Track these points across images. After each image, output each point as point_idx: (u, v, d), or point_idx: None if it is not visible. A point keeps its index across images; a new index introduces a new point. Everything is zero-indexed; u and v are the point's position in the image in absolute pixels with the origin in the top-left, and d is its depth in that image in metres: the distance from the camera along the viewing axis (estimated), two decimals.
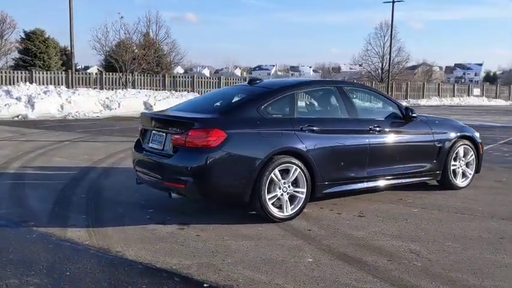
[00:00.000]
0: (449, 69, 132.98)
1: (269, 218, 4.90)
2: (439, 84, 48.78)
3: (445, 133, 6.41)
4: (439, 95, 45.75)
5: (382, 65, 46.18)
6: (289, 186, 4.99)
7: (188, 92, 28.79)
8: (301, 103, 5.40)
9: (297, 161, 4.99)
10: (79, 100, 20.56)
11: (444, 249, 4.21)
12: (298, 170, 5.00)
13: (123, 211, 5.39)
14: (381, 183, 5.81)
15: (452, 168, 6.45)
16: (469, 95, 47.52)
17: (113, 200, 5.93)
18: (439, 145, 6.28)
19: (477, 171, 6.79)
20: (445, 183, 6.45)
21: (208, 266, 3.77)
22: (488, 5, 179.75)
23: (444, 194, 6.32)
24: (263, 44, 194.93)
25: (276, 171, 4.87)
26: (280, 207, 4.96)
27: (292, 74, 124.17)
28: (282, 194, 4.95)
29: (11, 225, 4.86)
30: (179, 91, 30.74)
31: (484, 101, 45.85)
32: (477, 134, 6.84)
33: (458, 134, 6.52)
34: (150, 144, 5.28)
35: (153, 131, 5.27)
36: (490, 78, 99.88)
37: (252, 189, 4.78)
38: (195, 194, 4.81)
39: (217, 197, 4.93)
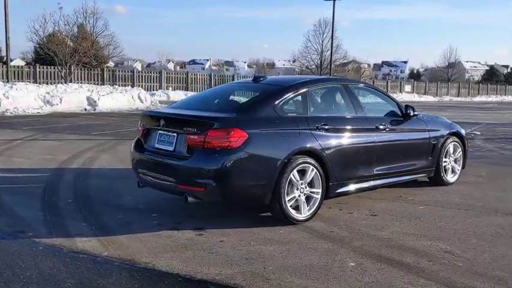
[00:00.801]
0: (377, 67, 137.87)
1: (287, 220, 4.74)
2: (373, 81, 50.47)
3: (438, 130, 6.52)
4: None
5: (321, 62, 47.04)
6: (305, 187, 4.85)
7: (132, 87, 27.74)
8: (313, 101, 5.26)
9: (313, 161, 4.85)
10: (17, 95, 19.30)
11: (474, 247, 4.24)
12: (315, 170, 4.87)
13: (124, 217, 5.02)
14: (385, 181, 5.80)
15: (443, 164, 6.58)
16: (401, 92, 49.57)
17: (107, 204, 5.52)
18: (434, 142, 6.38)
19: (463, 166, 6.98)
20: (437, 180, 6.57)
21: (253, 275, 3.55)
22: (411, 6, 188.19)
23: (437, 190, 6.43)
24: (197, 38, 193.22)
25: (295, 171, 4.72)
26: (296, 209, 4.80)
27: (227, 69, 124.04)
28: (299, 195, 4.80)
29: (7, 237, 4.37)
30: (120, 85, 29.61)
31: (415, 97, 48.01)
32: (463, 131, 7.02)
33: (449, 131, 6.66)
34: (157, 145, 4.94)
35: (160, 131, 4.93)
36: (415, 75, 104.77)
37: (273, 191, 4.59)
38: (215, 197, 4.54)
39: (238, 200, 4.69)
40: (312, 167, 4.84)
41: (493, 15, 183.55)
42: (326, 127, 5.02)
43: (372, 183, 5.60)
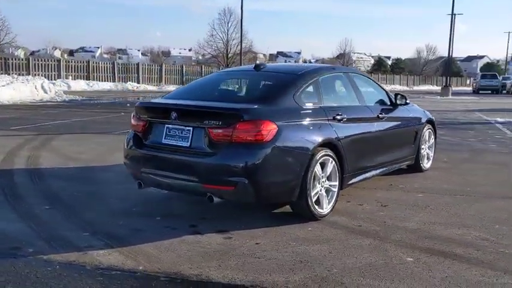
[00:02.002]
0: (272, 57, 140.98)
1: (310, 216, 4.49)
2: None
3: (420, 118, 6.64)
4: None
5: (227, 51, 46.85)
6: (325, 181, 4.63)
7: (34, 76, 25.49)
8: (324, 90, 5.02)
9: (332, 153, 4.64)
10: None
11: (502, 233, 4.30)
12: (333, 162, 4.66)
13: (126, 223, 4.44)
14: (382, 170, 5.76)
15: (421, 151, 6.72)
16: None
17: (94, 210, 4.87)
18: (416, 130, 6.48)
19: (434, 153, 7.20)
20: (416, 167, 6.69)
21: (324, 280, 3.26)
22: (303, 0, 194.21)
23: (417, 176, 6.55)
24: (85, 25, 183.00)
25: (318, 165, 4.48)
26: (318, 204, 4.57)
27: (120, 57, 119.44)
28: (320, 190, 4.57)
29: (4, 256, 3.63)
30: (16, 75, 27.03)
31: None
32: (434, 118, 7.23)
33: (426, 119, 6.81)
34: (165, 141, 4.41)
35: (169, 125, 4.40)
36: None
37: (300, 186, 4.31)
38: (246, 196, 4.14)
39: (269, 197, 4.33)
40: (331, 159, 4.63)
41: (376, 10, 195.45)
42: (339, 117, 4.83)
43: (373, 172, 5.53)
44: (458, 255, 3.75)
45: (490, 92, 42.10)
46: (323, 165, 4.57)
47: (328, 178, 4.67)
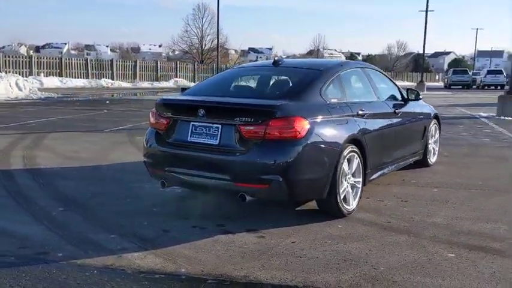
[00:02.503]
0: (244, 53, 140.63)
1: (338, 214, 4.44)
2: None
3: (428, 113, 6.67)
4: None
5: (202, 46, 46.46)
6: (350, 177, 4.58)
7: (7, 74, 24.71)
8: (346, 85, 4.95)
9: (357, 149, 4.59)
10: None
11: None
12: (358, 158, 4.62)
13: (150, 223, 4.31)
14: (398, 165, 5.76)
15: (429, 146, 6.76)
16: None
17: (112, 211, 4.71)
18: (425, 125, 6.51)
19: (438, 148, 7.25)
20: (423, 162, 6.72)
21: (375, 278, 3.21)
22: None
23: (425, 171, 6.58)
24: (51, 20, 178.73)
25: (346, 161, 4.42)
26: (344, 201, 4.51)
27: (88, 53, 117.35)
28: (347, 186, 4.52)
29: (34, 262, 3.45)
30: None
31: None
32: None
33: (433, 113, 6.84)
34: (192, 139, 4.28)
35: (195, 122, 4.27)
36: None
37: (330, 183, 4.25)
38: (280, 194, 4.05)
39: (301, 195, 4.25)
40: (356, 155, 4.58)
41: (346, 6, 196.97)
42: (362, 113, 4.79)
43: (390, 168, 5.52)
44: (498, 250, 3.75)
45: (461, 87, 43.00)
46: (349, 162, 4.52)
47: (353, 174, 4.62)
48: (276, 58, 5.08)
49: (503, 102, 14.61)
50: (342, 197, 4.41)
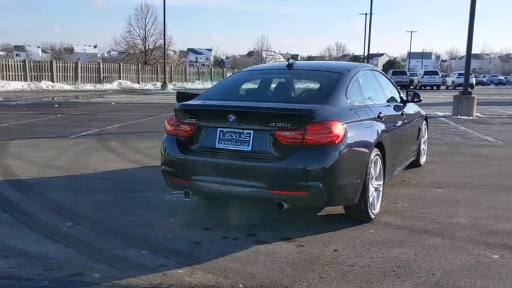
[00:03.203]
0: (183, 54, 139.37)
1: (366, 218, 4.37)
2: (198, 68, 50.79)
3: (421, 114, 6.77)
4: (199, 79, 47.71)
5: (145, 47, 45.38)
6: (374, 181, 4.53)
7: None
8: (364, 88, 4.89)
9: (379, 152, 4.55)
10: None
11: None
12: (380, 162, 4.59)
13: (175, 236, 4.05)
14: (402, 167, 5.80)
15: (421, 147, 6.87)
16: (223, 78, 50.93)
17: (127, 222, 4.42)
18: (419, 126, 6.60)
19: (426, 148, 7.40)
20: (416, 162, 6.81)
21: (438, 285, 3.13)
22: None
23: (419, 171, 6.69)
24: None
25: (373, 164, 4.37)
26: (371, 205, 4.45)
27: (17, 54, 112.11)
28: (373, 190, 4.47)
29: (71, 284, 3.13)
30: None
31: None
32: None
33: (424, 114, 6.97)
34: (220, 145, 4.06)
35: (223, 128, 4.05)
36: (219, 63, 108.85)
37: (362, 187, 4.18)
38: (319, 201, 3.91)
39: (338, 201, 4.11)
40: (379, 158, 4.55)
41: (286, 8, 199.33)
42: (382, 115, 4.76)
43: (398, 169, 5.54)
44: None
45: (399, 87, 44.54)
46: (375, 165, 4.47)
47: (377, 178, 4.58)
48: (290, 61, 4.93)
49: (458, 101, 15.24)
50: (370, 201, 4.35)
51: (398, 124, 5.34)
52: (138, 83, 42.21)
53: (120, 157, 7.72)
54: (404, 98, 6.11)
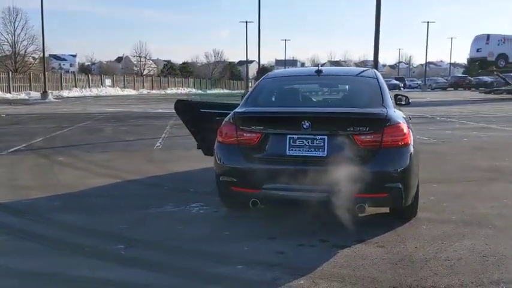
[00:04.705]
0: (46, 60, 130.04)
1: (413, 215, 4.58)
2: (75, 75, 47.93)
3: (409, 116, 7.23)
4: (76, 86, 45.10)
5: (15, 53, 41.59)
6: None
7: None
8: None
9: None
10: None
11: None
12: None
13: (252, 247, 3.91)
14: None
15: None
16: (103, 85, 48.76)
17: (183, 240, 4.16)
18: None
19: None
20: None
21: None
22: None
23: None
24: None
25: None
26: None
27: None
28: None
29: None
30: None
31: (119, 91, 48.13)
32: None
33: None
34: (292, 152, 4.01)
35: (293, 135, 4.00)
36: (84, 69, 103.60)
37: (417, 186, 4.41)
38: (397, 201, 4.03)
39: (409, 200, 4.21)
40: None
41: (161, 15, 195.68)
42: (411, 117, 5.05)
43: None
44: None
45: None
46: None
47: None
48: (319, 68, 5.00)
49: None
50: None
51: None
52: (10, 93, 38.54)
53: (89, 172, 7.11)
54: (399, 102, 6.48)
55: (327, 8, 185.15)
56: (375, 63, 15.89)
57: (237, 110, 4.37)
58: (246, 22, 54.87)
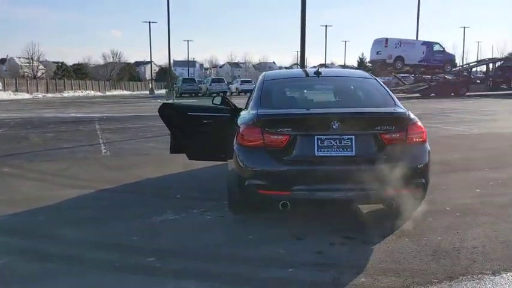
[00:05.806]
0: None
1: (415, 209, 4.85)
2: None
3: None
4: None
5: None
6: None
7: None
8: None
9: None
10: None
11: None
12: None
13: (289, 250, 3.90)
14: None
15: None
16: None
17: (208, 247, 4.05)
18: None
19: None
20: None
21: None
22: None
23: None
24: None
25: None
26: None
27: None
28: None
29: None
30: None
31: (12, 95, 44.79)
32: None
33: None
34: (320, 153, 4.06)
35: (321, 136, 4.05)
36: None
37: None
38: (420, 196, 4.26)
39: (425, 194, 4.44)
40: None
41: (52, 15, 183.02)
42: None
43: None
44: None
45: (190, 95, 45.91)
46: None
47: None
48: (318, 69, 5.09)
49: None
50: None
51: None
52: None
53: (51, 184, 6.61)
54: None
55: (228, 12, 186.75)
56: (302, 66, 16.36)
57: (259, 112, 4.31)
58: (149, 22, 53.59)
